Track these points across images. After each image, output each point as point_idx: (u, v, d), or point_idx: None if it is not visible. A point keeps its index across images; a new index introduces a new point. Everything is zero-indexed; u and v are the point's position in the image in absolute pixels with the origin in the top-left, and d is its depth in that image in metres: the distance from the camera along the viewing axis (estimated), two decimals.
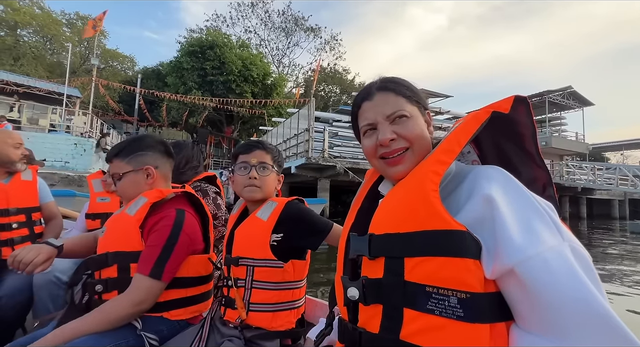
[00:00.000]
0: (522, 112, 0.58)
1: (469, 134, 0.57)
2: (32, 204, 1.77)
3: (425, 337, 0.49)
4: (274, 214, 1.05)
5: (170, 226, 1.05)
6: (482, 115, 0.58)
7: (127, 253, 1.05)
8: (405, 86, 0.68)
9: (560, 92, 21.07)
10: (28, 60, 23.04)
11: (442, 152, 0.57)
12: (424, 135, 0.65)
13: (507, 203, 0.50)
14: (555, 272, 0.44)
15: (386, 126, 0.65)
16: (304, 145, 10.88)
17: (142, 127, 24.33)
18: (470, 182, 0.55)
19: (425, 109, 0.69)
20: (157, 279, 1.00)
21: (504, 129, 0.61)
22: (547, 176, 0.62)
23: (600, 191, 18.46)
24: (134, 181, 1.14)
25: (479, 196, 0.52)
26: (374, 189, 0.76)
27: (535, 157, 0.61)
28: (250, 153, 1.12)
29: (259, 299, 1.01)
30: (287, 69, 32.07)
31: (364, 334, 0.57)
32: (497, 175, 0.54)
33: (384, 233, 0.58)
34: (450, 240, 0.49)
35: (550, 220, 0.49)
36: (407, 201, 0.57)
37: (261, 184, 1.10)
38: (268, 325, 1.01)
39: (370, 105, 0.68)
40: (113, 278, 1.04)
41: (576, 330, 0.42)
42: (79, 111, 14.85)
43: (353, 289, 0.58)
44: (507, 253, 0.46)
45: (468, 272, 0.47)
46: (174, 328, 1.07)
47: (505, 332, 0.48)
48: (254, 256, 1.02)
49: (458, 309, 0.47)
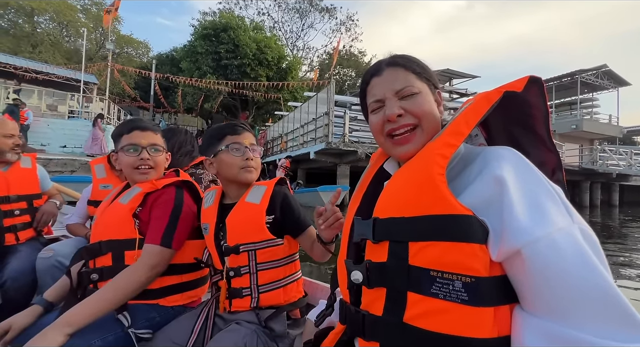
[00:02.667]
0: (535, 93, 0.57)
1: (479, 115, 0.55)
2: (32, 191, 1.78)
3: (428, 320, 0.50)
4: (265, 197, 1.06)
5: (172, 199, 1.10)
6: (494, 96, 0.56)
7: (120, 241, 1.06)
8: (415, 62, 0.67)
9: (594, 71, 19.67)
10: (46, 47, 23.28)
11: (450, 135, 0.56)
12: (433, 113, 0.64)
13: (517, 184, 0.49)
14: (565, 254, 0.43)
15: (394, 102, 0.64)
16: (323, 130, 10.52)
17: (157, 114, 24.42)
18: (480, 163, 0.54)
19: (435, 87, 0.68)
20: (168, 248, 1.04)
21: (515, 111, 0.60)
22: (556, 160, 0.61)
23: (636, 178, 17.41)
24: (166, 160, 1.23)
25: (489, 176, 0.50)
26: (379, 172, 0.75)
27: (545, 140, 0.60)
28: (242, 134, 1.09)
29: (268, 279, 1.03)
30: (301, 52, 31.37)
31: (367, 316, 0.57)
32: (509, 155, 0.53)
33: (388, 217, 0.57)
34: (456, 225, 0.48)
35: (561, 201, 0.48)
36: (412, 185, 0.56)
37: (257, 165, 1.11)
38: (281, 300, 1.04)
39: (378, 81, 0.67)
40: (108, 266, 1.05)
41: (585, 314, 0.41)
42: (96, 97, 14.87)
43: (357, 272, 0.59)
44: (514, 234, 0.45)
45: (473, 257, 0.47)
46: (168, 314, 1.07)
47: (509, 315, 0.48)
48: (253, 239, 1.02)
49: (462, 293, 0.47)
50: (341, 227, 0.82)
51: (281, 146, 15.98)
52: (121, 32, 28.55)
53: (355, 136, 11.32)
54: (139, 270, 0.98)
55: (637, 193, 20.91)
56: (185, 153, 1.64)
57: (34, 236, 1.75)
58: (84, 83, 14.51)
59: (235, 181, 1.09)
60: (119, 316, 0.96)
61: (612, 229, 8.75)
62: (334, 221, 0.84)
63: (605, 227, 9.17)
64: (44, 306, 1.04)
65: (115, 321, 0.95)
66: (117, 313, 0.96)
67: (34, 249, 1.61)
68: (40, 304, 1.04)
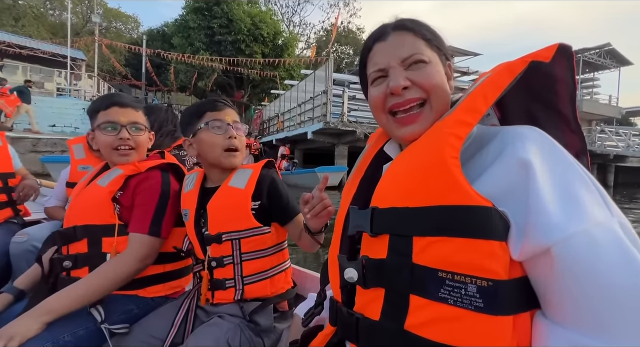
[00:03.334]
0: (563, 66, 0.48)
1: (499, 89, 0.47)
2: (6, 170, 1.67)
3: (435, 329, 0.43)
4: (251, 181, 0.97)
5: (159, 184, 1.04)
6: (517, 66, 0.48)
7: (98, 226, 0.99)
8: (425, 27, 0.58)
9: (597, 50, 19.26)
10: (29, 20, 22.24)
11: (464, 111, 0.47)
12: (444, 87, 0.55)
13: (546, 169, 0.42)
14: (605, 254, 0.36)
15: (399, 71, 0.55)
16: (321, 109, 10.28)
17: (150, 92, 23.75)
18: (499, 144, 0.47)
19: (447, 59, 0.59)
20: (157, 237, 0.98)
21: (537, 86, 0.52)
22: (581, 143, 0.53)
23: (632, 159, 17.51)
24: (147, 139, 1.12)
25: (511, 159, 0.43)
26: (378, 155, 0.66)
27: (570, 120, 0.52)
28: (222, 110, 0.99)
29: (253, 270, 0.96)
30: (297, 29, 30.29)
31: (362, 319, 0.51)
32: (533, 135, 0.45)
33: (389, 207, 0.50)
34: (472, 218, 0.41)
35: (597, 190, 0.41)
36: (419, 170, 0.48)
37: (242, 146, 1.01)
38: (268, 291, 0.98)
39: (382, 47, 0.58)
40: (83, 253, 0.98)
41: (626, 327, 0.35)
42: (84, 74, 14.32)
43: (351, 270, 0.52)
44: (543, 230, 0.38)
45: (492, 257, 0.40)
46: (148, 306, 1.01)
47: (529, 323, 0.41)
48: (237, 228, 0.95)
49: (477, 298, 0.40)
50: (330, 216, 0.77)
51: (277, 126, 15.70)
52: (108, 5, 27.27)
53: (353, 116, 11.10)
54: (129, 261, 0.92)
55: (631, 174, 21.09)
56: (166, 133, 1.53)
57: (11, 215, 1.67)
58: (71, 59, 13.94)
59: (217, 165, 1.00)
60: (91, 309, 0.90)
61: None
62: (321, 209, 0.75)
63: None
64: (15, 294, 0.99)
65: (88, 315, 0.89)
66: (90, 306, 0.90)
67: (8, 232, 1.53)
68: (10, 292, 0.99)
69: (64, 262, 0.96)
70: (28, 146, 8.90)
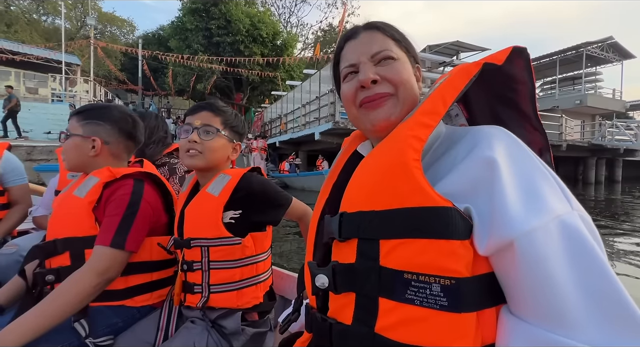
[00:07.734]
0: (520, 66, 0.52)
1: (456, 90, 0.49)
2: None
3: (403, 331, 0.44)
4: (226, 189, 0.96)
5: (128, 194, 0.99)
6: (472, 69, 0.50)
7: (79, 239, 0.95)
8: (394, 29, 0.62)
9: (600, 44, 19.03)
10: (22, 26, 21.90)
11: (424, 113, 0.49)
12: (411, 83, 0.58)
13: (510, 166, 0.43)
14: (565, 246, 0.38)
15: (369, 66, 0.58)
16: (329, 109, 9.91)
17: (147, 97, 23.32)
18: (467, 144, 0.48)
19: (415, 61, 0.62)
20: (119, 249, 0.92)
21: (499, 87, 0.55)
22: (543, 140, 0.56)
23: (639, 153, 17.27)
24: (77, 146, 1.04)
25: (478, 158, 0.45)
26: (352, 158, 0.67)
27: (531, 117, 0.55)
28: (196, 114, 1.00)
29: (220, 279, 0.96)
30: (295, 29, 29.98)
31: (335, 325, 0.51)
32: (499, 134, 0.48)
33: (356, 211, 0.51)
34: (434, 219, 0.42)
35: (558, 185, 0.43)
36: (382, 173, 0.49)
37: (203, 149, 0.97)
38: (234, 304, 0.97)
39: (353, 44, 0.61)
40: (66, 267, 0.94)
41: (587, 319, 0.35)
42: (80, 79, 13.91)
43: (322, 276, 0.52)
44: (506, 224, 0.39)
45: (454, 256, 0.41)
46: (134, 317, 0.99)
47: (494, 319, 0.42)
48: (206, 235, 0.95)
49: (441, 297, 0.41)
50: None
51: (280, 128, 15.33)
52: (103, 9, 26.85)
53: None
54: (84, 277, 0.86)
55: (636, 168, 20.90)
56: (157, 140, 1.52)
57: None
58: (65, 64, 13.55)
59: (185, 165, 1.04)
60: (75, 324, 0.88)
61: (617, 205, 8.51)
62: None
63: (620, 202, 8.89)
64: None
65: (72, 330, 0.88)
66: (74, 320, 0.88)
67: None
68: None
69: (46, 276, 0.94)
70: (22, 155, 8.47)
